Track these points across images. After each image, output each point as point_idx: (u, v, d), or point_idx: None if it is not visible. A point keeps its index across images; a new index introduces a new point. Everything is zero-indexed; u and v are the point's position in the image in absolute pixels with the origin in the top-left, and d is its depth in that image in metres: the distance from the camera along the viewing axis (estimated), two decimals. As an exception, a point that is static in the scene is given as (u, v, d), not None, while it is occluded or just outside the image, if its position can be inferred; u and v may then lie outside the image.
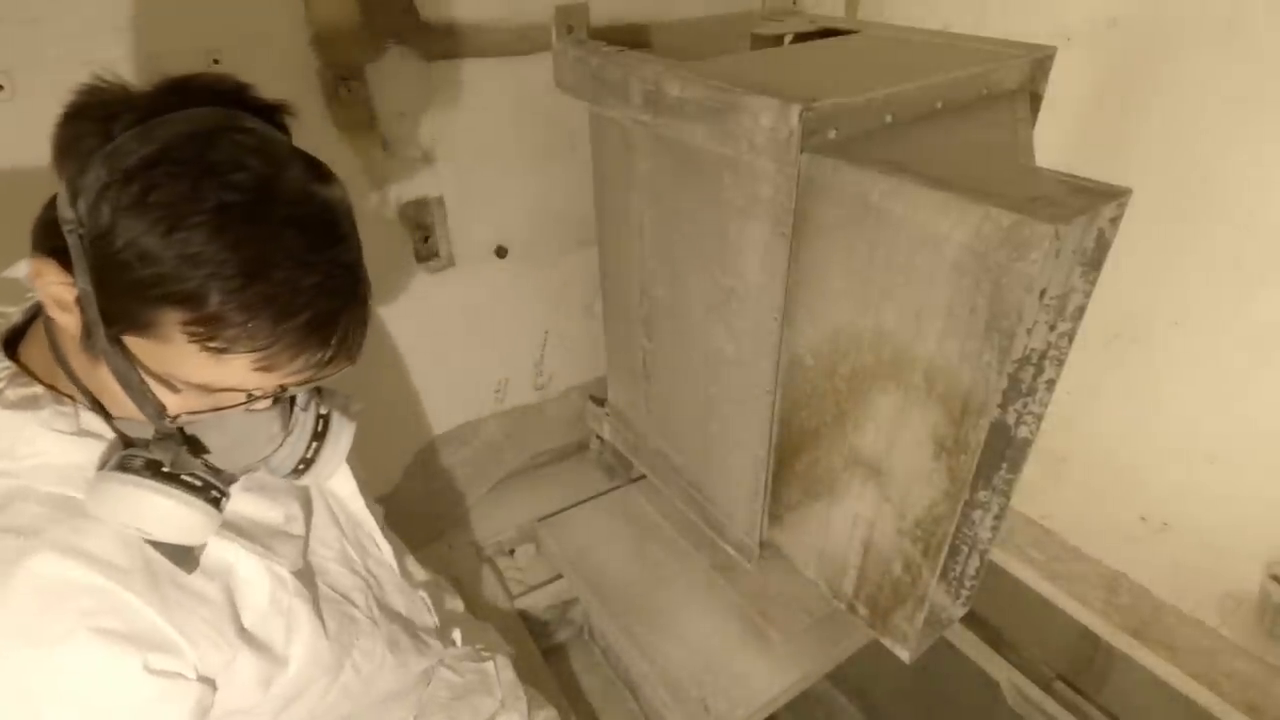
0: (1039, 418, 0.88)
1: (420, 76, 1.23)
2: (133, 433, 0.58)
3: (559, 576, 1.58)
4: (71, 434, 0.56)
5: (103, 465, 0.56)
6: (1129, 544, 1.40)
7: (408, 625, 0.88)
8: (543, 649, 1.51)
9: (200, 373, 0.51)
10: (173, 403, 0.54)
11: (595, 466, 1.77)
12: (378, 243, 1.30)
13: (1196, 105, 1.12)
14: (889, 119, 0.89)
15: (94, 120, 0.48)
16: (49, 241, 0.50)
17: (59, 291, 0.51)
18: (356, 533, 0.84)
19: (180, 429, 0.57)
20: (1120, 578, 1.42)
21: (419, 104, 1.25)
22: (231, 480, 0.61)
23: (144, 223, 0.46)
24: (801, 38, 1.34)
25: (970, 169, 0.80)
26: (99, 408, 0.58)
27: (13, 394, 0.56)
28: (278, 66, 1.10)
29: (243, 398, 0.55)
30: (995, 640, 1.63)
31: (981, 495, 0.92)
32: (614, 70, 1.07)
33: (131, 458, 0.55)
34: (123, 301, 0.48)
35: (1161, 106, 1.16)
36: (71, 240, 0.48)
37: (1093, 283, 0.80)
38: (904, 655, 1.05)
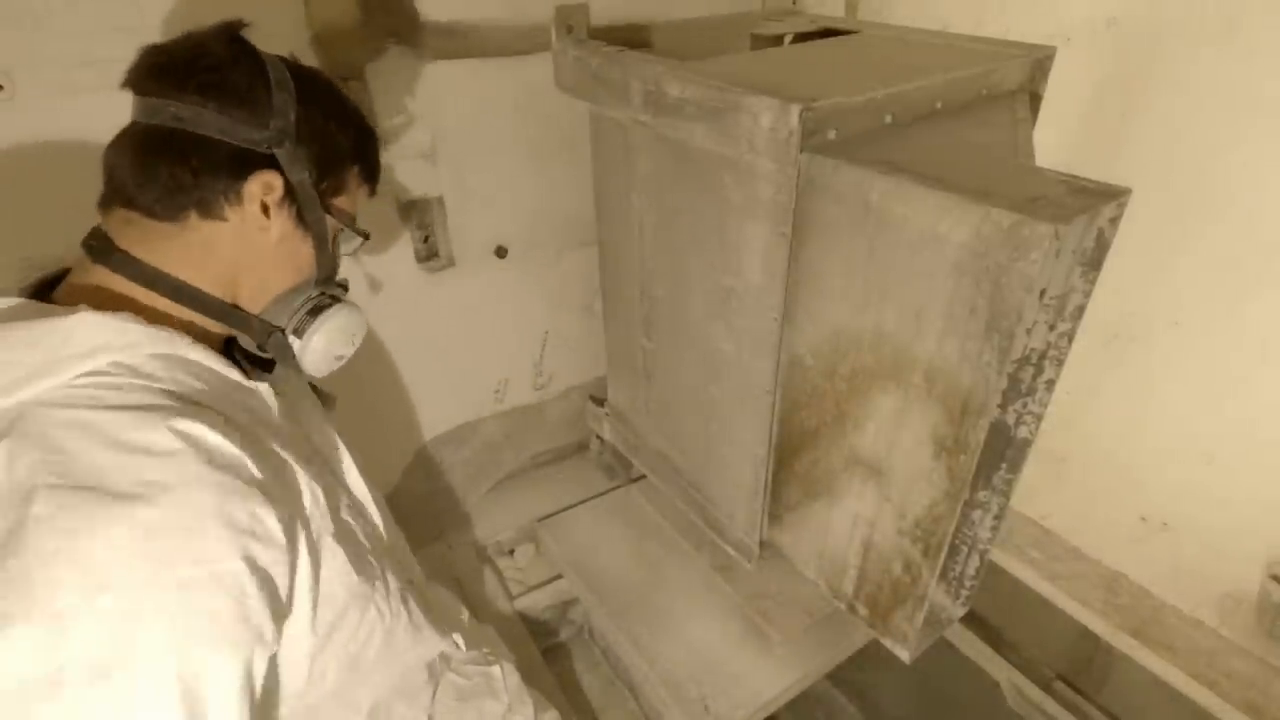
0: (1039, 418, 0.88)
1: (420, 76, 1.23)
2: (266, 316, 0.73)
3: (559, 576, 1.58)
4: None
5: (292, 319, 0.74)
6: (1128, 544, 1.40)
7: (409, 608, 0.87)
8: (543, 649, 1.51)
9: (355, 204, 0.77)
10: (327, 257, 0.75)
11: (595, 466, 1.77)
12: (378, 243, 1.31)
13: (1196, 105, 1.12)
14: (889, 119, 0.89)
15: (238, 67, 0.65)
16: (243, 171, 0.65)
17: (276, 195, 0.67)
18: (361, 509, 0.83)
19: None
20: (1120, 578, 1.42)
21: (419, 104, 1.25)
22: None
23: (331, 120, 0.71)
24: (801, 38, 1.34)
25: (970, 169, 0.80)
26: (223, 317, 0.69)
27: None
28: (278, 66, 1.10)
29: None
30: (995, 640, 1.63)
31: (981, 495, 0.92)
32: (614, 70, 1.07)
33: (322, 296, 0.76)
34: (329, 170, 0.71)
35: (1161, 106, 1.16)
36: (283, 149, 0.66)
37: (1092, 283, 0.80)
38: (904, 655, 1.05)
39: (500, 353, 1.61)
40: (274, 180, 0.66)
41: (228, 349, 0.74)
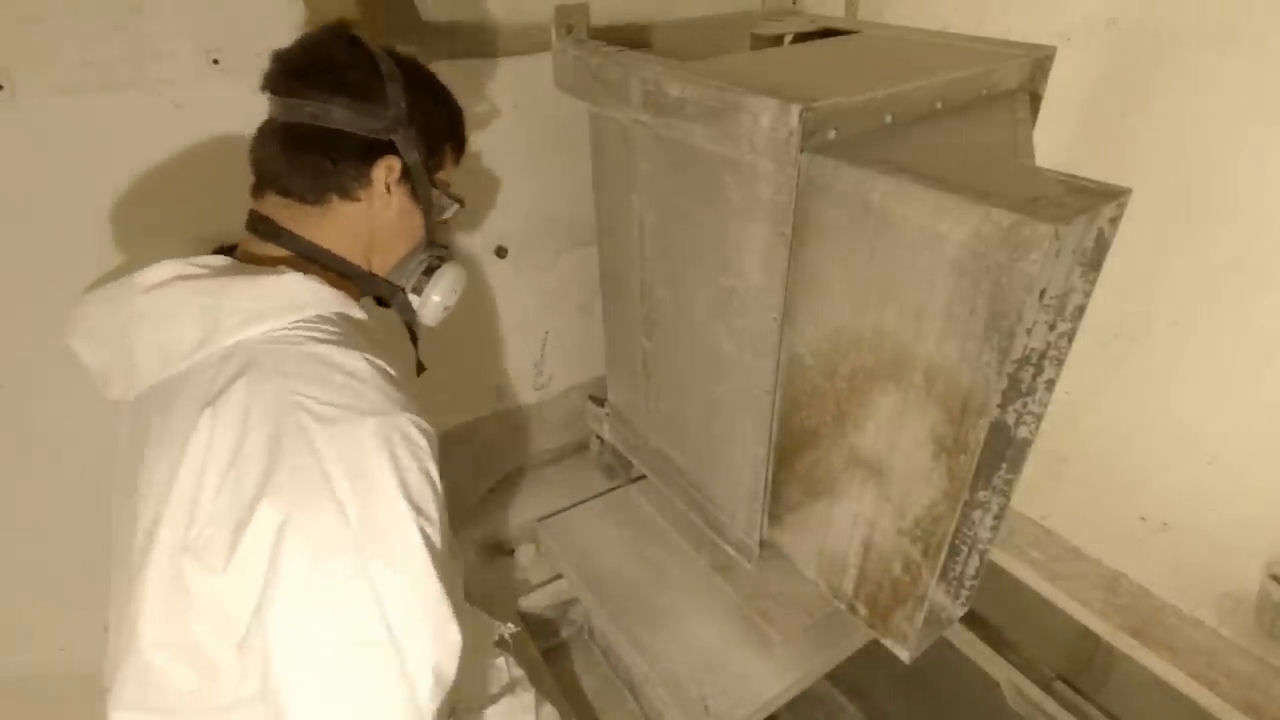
0: (1039, 418, 0.88)
1: (420, 76, 1.23)
2: (390, 278, 0.88)
3: (559, 576, 1.58)
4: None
5: (409, 282, 0.89)
6: (1129, 544, 1.40)
7: None
8: (543, 649, 1.51)
9: (449, 174, 0.89)
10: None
11: (595, 466, 1.77)
12: (378, 243, 1.31)
13: (1196, 105, 1.12)
14: (889, 119, 0.89)
15: (357, 67, 0.76)
16: (369, 156, 0.77)
17: (396, 175, 0.79)
18: None
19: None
20: (1120, 578, 1.42)
21: (419, 104, 1.25)
22: None
23: (432, 104, 0.83)
24: (801, 38, 1.34)
25: (970, 169, 0.80)
26: (362, 281, 0.84)
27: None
28: (278, 66, 1.10)
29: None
30: (995, 640, 1.63)
31: (981, 495, 0.92)
32: (614, 70, 1.07)
33: (433, 256, 0.90)
34: (434, 148, 0.83)
35: (1161, 106, 1.16)
36: (399, 134, 0.78)
37: (1093, 283, 0.80)
38: (904, 655, 1.05)
39: (500, 352, 1.61)
40: (394, 163, 0.78)
41: None
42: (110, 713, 0.69)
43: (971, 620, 1.64)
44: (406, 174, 0.80)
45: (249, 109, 1.10)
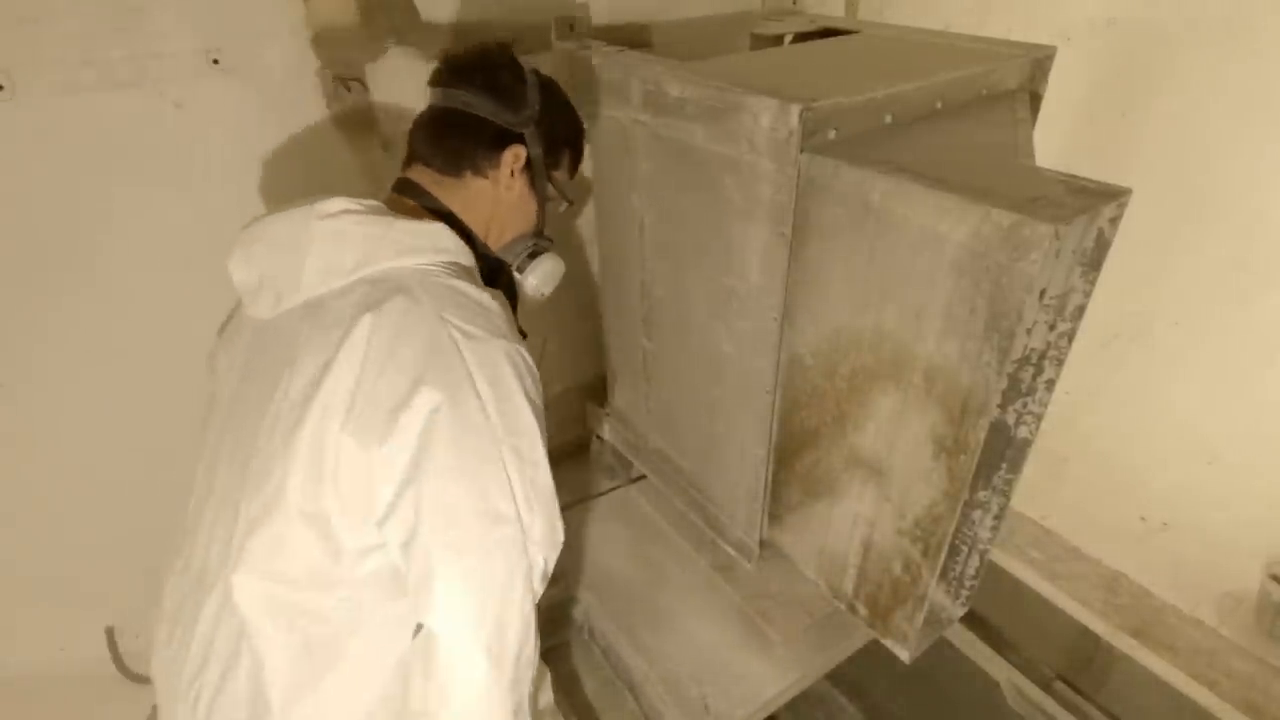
0: (1039, 418, 0.88)
1: (420, 76, 1.23)
2: (504, 255, 0.99)
3: (559, 576, 1.58)
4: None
5: (517, 259, 1.00)
6: (1129, 544, 1.40)
7: None
8: (543, 649, 1.51)
9: (564, 177, 1.01)
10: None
11: (595, 466, 1.77)
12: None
13: (1196, 105, 1.12)
14: (889, 119, 0.89)
15: (507, 71, 0.92)
16: (502, 143, 0.90)
17: (521, 164, 0.92)
18: None
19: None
20: (1120, 578, 1.42)
21: (419, 104, 1.25)
22: None
23: (560, 114, 0.97)
24: (801, 38, 1.34)
25: (970, 169, 0.80)
26: (478, 249, 0.92)
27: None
28: (278, 66, 1.10)
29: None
30: (995, 640, 1.63)
31: (981, 495, 0.92)
32: (614, 70, 1.07)
33: (537, 245, 1.00)
34: (554, 150, 0.96)
35: (1161, 106, 1.16)
36: (529, 130, 0.92)
37: (1093, 283, 0.80)
38: (904, 655, 1.05)
39: (500, 353, 1.60)
40: (521, 152, 0.91)
41: None
42: (231, 574, 0.75)
43: (971, 620, 1.64)
44: (529, 166, 0.93)
45: (249, 109, 1.10)
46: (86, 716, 1.34)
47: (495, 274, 0.98)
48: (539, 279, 1.01)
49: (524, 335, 1.03)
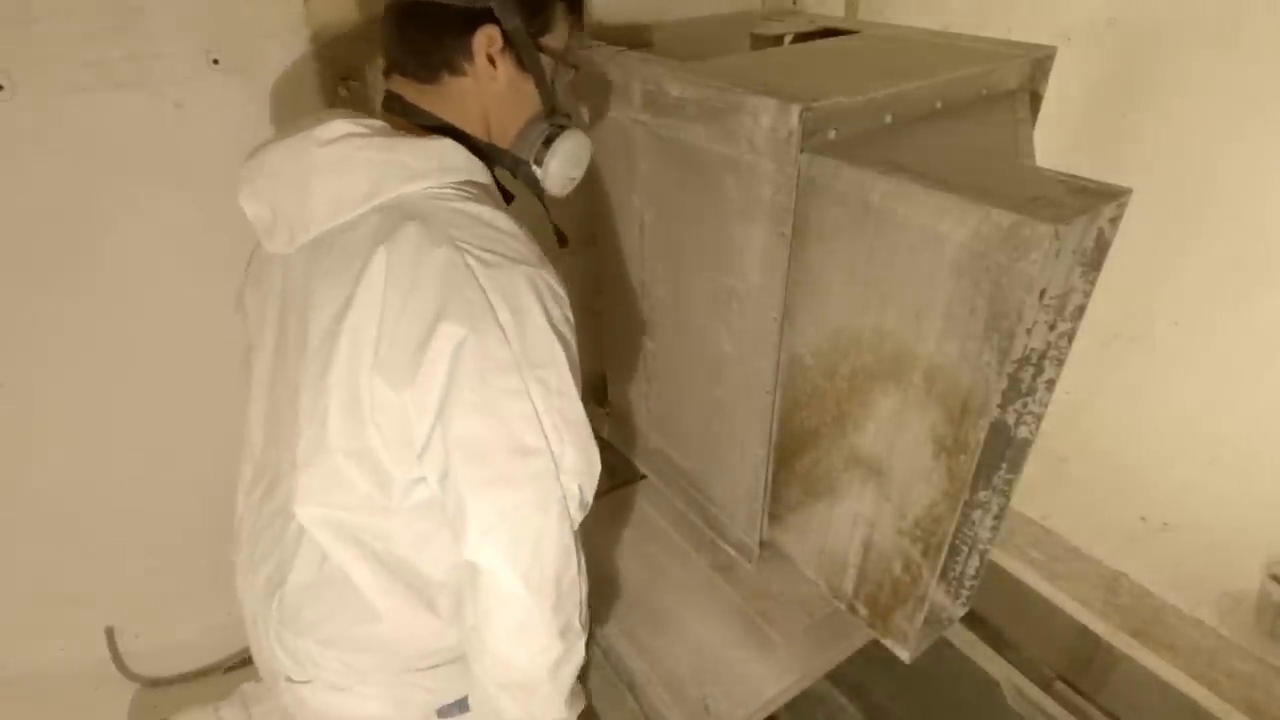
0: (1039, 418, 0.88)
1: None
2: (513, 150, 0.88)
3: (559, 576, 1.58)
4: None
5: (531, 151, 0.87)
6: (1129, 544, 1.40)
7: None
8: (543, 649, 1.51)
9: (562, 39, 0.86)
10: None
11: (595, 466, 1.77)
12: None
13: (1196, 105, 1.12)
14: (889, 119, 0.89)
15: None
16: (468, 28, 0.77)
17: (498, 45, 0.79)
18: None
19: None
20: (1120, 578, 1.42)
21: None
22: None
23: None
24: (801, 38, 1.34)
25: (970, 169, 0.80)
26: (486, 154, 0.85)
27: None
28: (278, 66, 1.10)
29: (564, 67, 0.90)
30: (995, 640, 1.63)
31: (981, 495, 0.92)
32: (614, 70, 1.07)
33: (553, 126, 0.87)
34: (537, 12, 0.81)
35: (1161, 106, 1.16)
36: (496, 2, 0.76)
37: (1093, 283, 0.80)
38: (904, 655, 1.05)
39: (500, 353, 1.60)
40: (493, 33, 0.78)
41: None
42: (296, 507, 0.78)
43: (971, 620, 1.64)
44: (509, 43, 0.80)
45: (249, 109, 1.10)
46: (86, 716, 1.35)
47: (515, 175, 0.91)
48: (560, 163, 0.88)
49: (564, 240, 1.00)
